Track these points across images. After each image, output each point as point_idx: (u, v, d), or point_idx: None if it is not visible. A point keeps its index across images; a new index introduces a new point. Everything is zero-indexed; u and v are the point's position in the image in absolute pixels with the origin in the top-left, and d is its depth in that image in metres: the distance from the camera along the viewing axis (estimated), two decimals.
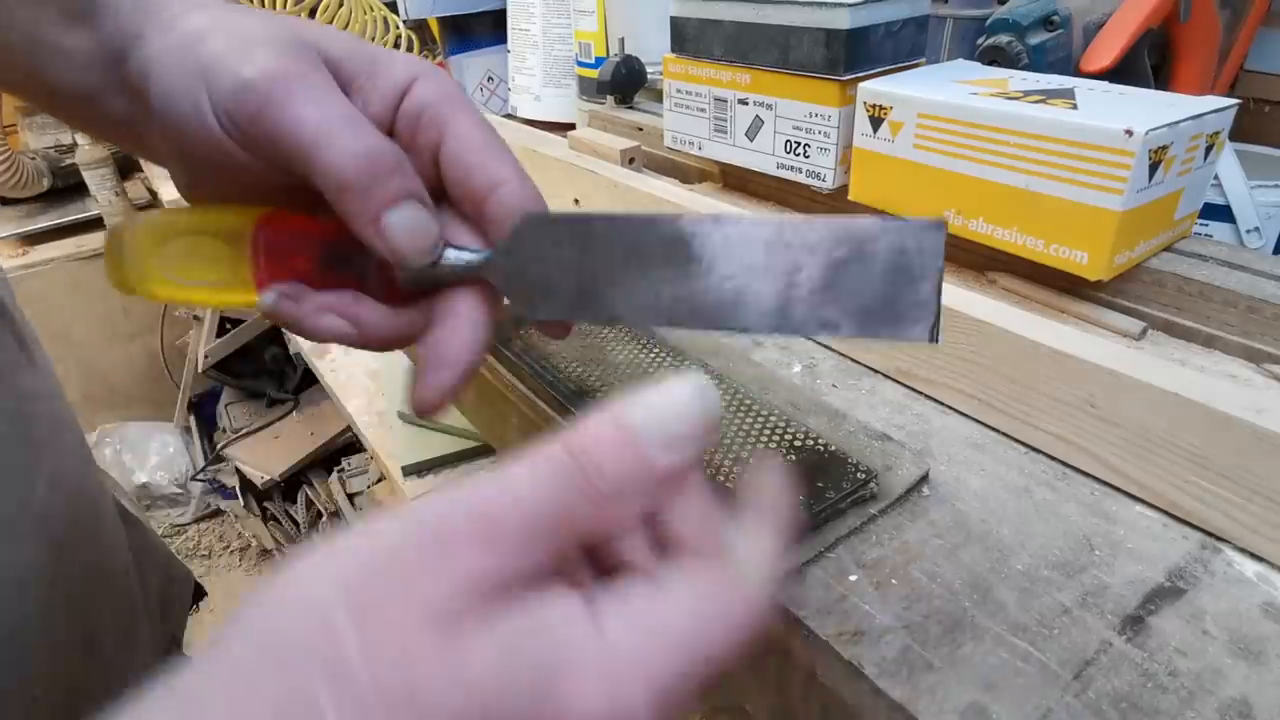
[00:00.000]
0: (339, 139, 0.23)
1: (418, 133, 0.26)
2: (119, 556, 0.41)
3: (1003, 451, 0.37)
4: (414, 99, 0.26)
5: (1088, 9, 0.56)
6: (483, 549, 0.16)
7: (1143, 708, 0.25)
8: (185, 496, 1.97)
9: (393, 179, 0.24)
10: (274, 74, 0.23)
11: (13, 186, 1.74)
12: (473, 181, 0.26)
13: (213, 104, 0.24)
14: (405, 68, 0.26)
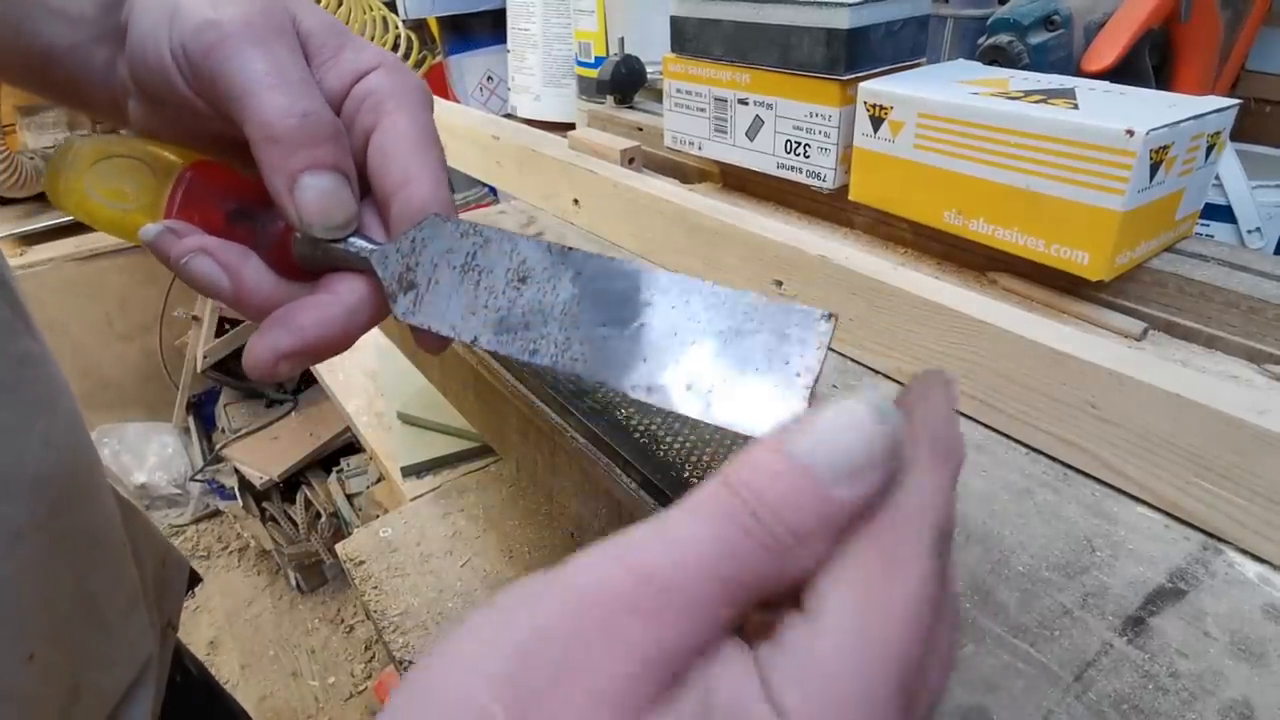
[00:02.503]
0: (279, 93, 0.23)
1: (357, 117, 0.26)
2: (115, 528, 0.42)
3: (1003, 452, 0.37)
4: (366, 84, 0.26)
5: (1089, 9, 0.56)
6: (653, 622, 0.14)
7: (1144, 709, 0.25)
8: (184, 497, 1.97)
9: (321, 145, 0.24)
10: (238, 19, 0.24)
11: (11, 186, 1.74)
12: (388, 175, 0.26)
13: (171, 37, 0.25)
14: (371, 56, 0.27)
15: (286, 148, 0.24)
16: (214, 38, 0.24)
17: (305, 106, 0.24)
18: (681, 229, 0.51)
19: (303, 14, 0.26)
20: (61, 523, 0.36)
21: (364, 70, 0.26)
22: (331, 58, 0.26)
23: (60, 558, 0.36)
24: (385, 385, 1.01)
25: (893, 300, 0.40)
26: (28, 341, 0.35)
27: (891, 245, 0.56)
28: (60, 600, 0.36)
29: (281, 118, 0.23)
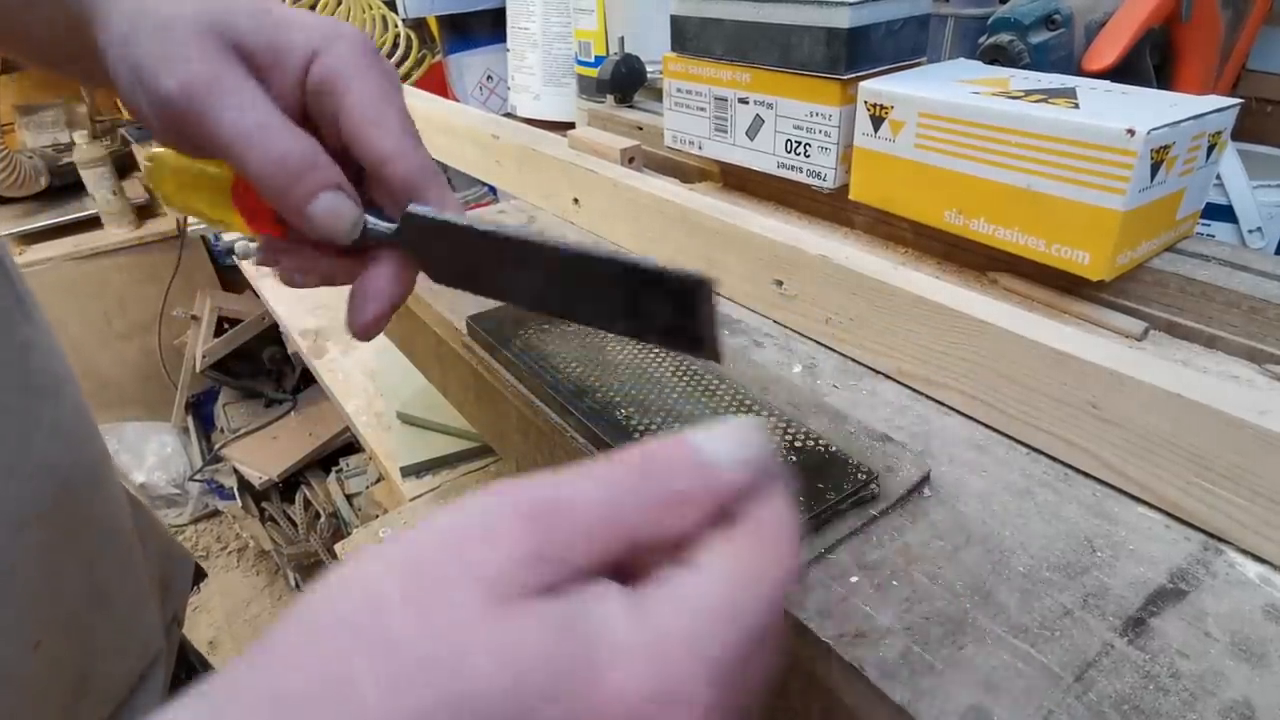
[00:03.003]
0: (255, 147, 0.26)
1: (321, 106, 0.28)
2: (124, 519, 0.42)
3: (1004, 452, 0.36)
4: (314, 75, 0.28)
5: (1089, 8, 0.56)
6: (534, 532, 0.17)
7: (1144, 710, 0.25)
8: (183, 497, 1.97)
9: (308, 175, 0.26)
10: (190, 86, 0.25)
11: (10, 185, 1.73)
12: (363, 155, 0.28)
13: (148, 102, 0.27)
14: (305, 42, 0.28)
15: (281, 190, 0.26)
16: (179, 113, 0.26)
17: (280, 150, 0.26)
18: (681, 229, 0.51)
19: (236, 27, 0.27)
20: (69, 512, 0.36)
21: (305, 61, 0.28)
22: (274, 64, 0.28)
23: (68, 547, 0.36)
24: (385, 385, 1.01)
25: (893, 300, 0.40)
26: (28, 330, 0.36)
27: (892, 245, 0.56)
28: (68, 589, 0.36)
29: (266, 170, 0.26)
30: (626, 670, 0.16)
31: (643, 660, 0.16)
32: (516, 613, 0.16)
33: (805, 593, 0.29)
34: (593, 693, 0.16)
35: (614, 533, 0.17)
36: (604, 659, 0.16)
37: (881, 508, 0.32)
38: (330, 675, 0.15)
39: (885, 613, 0.28)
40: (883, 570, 0.30)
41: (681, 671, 0.16)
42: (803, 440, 0.34)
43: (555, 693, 0.15)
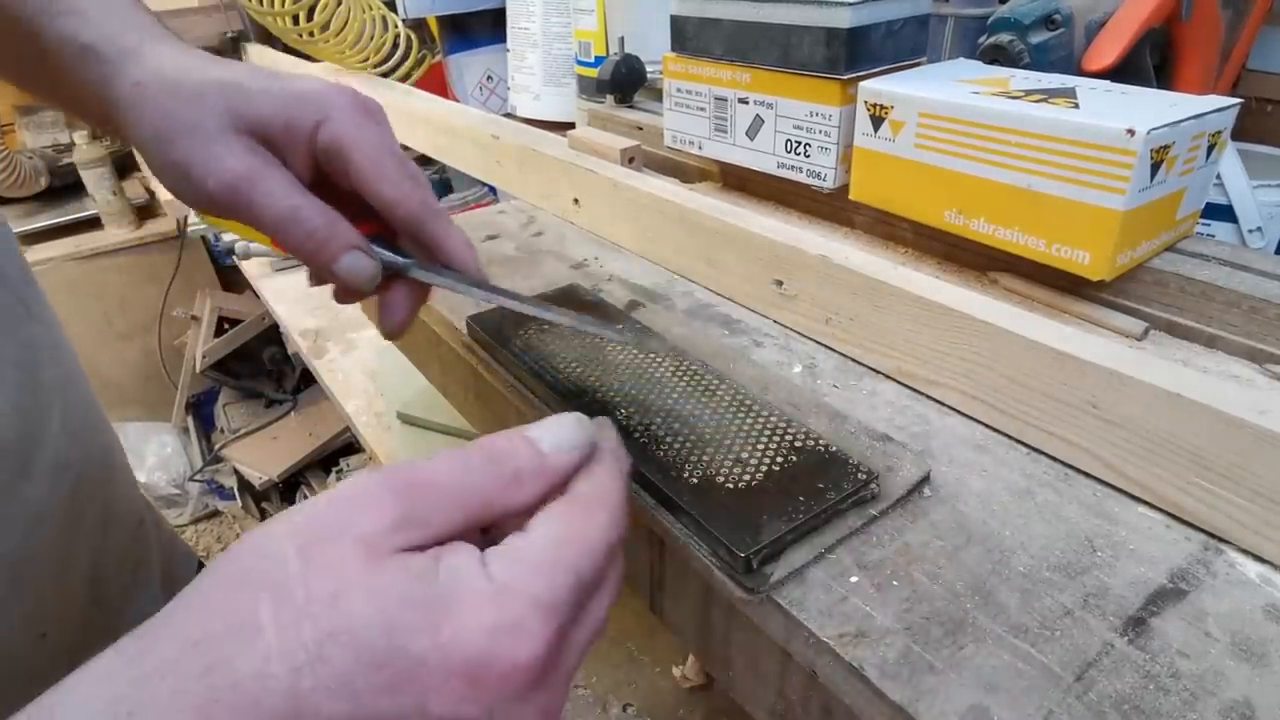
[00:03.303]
0: (288, 226, 0.31)
1: (331, 162, 0.33)
2: (131, 505, 0.43)
3: (1004, 452, 0.36)
4: (321, 140, 0.32)
5: (1089, 8, 0.56)
6: (401, 502, 0.21)
7: (1145, 710, 0.25)
8: (183, 497, 1.97)
9: (331, 243, 0.32)
10: (230, 185, 0.31)
11: (10, 186, 1.73)
12: (374, 201, 0.33)
13: (194, 202, 0.32)
14: (309, 118, 0.32)
15: (311, 255, 0.32)
16: (226, 205, 0.31)
17: (309, 228, 0.31)
18: (682, 229, 0.51)
19: (257, 116, 0.31)
20: (81, 504, 0.37)
21: (310, 134, 0.32)
22: (286, 140, 0.32)
23: (78, 539, 0.37)
24: (385, 385, 1.01)
25: (893, 300, 0.40)
26: (31, 326, 0.37)
27: (892, 245, 0.56)
28: (76, 582, 0.37)
29: (298, 242, 0.32)
30: (474, 608, 0.20)
31: (487, 601, 0.20)
32: (387, 565, 0.20)
33: (805, 592, 0.29)
34: (447, 625, 0.20)
35: (467, 503, 0.22)
36: (457, 600, 0.20)
37: (881, 508, 0.32)
38: (237, 618, 0.19)
39: (885, 613, 0.28)
40: (883, 570, 0.30)
41: (517, 608, 0.20)
42: (803, 440, 0.34)
43: (417, 626, 0.19)
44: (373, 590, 0.19)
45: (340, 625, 0.19)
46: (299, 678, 0.18)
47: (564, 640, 0.21)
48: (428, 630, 0.19)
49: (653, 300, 0.51)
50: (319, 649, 0.19)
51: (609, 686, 0.94)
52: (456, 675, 0.19)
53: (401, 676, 0.19)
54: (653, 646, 0.98)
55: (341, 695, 0.18)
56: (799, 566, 0.30)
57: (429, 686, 0.19)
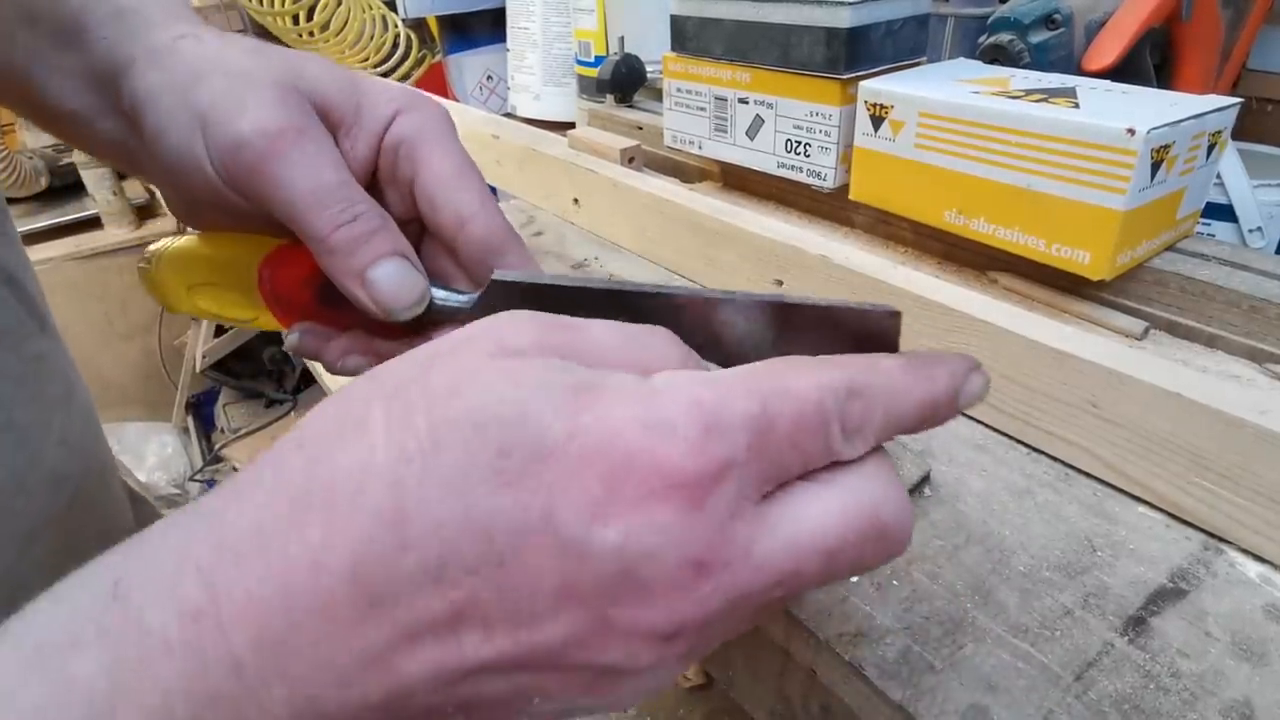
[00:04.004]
0: (326, 205, 0.25)
1: (396, 167, 0.28)
2: (123, 519, 0.42)
3: (1004, 452, 0.36)
4: (393, 134, 0.27)
5: (1089, 8, 0.56)
6: (549, 334, 0.18)
7: (1144, 709, 0.25)
8: (183, 497, 1.97)
9: (375, 239, 0.25)
10: (268, 131, 0.24)
11: (11, 186, 1.74)
12: (441, 216, 0.27)
13: (209, 153, 0.25)
14: (389, 103, 0.27)
15: (345, 254, 0.25)
16: (252, 158, 0.25)
17: (351, 210, 0.25)
18: (682, 228, 0.51)
19: (316, 83, 0.27)
20: (76, 520, 0.36)
21: (386, 121, 0.27)
22: (354, 121, 0.27)
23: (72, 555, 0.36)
24: None
25: (893, 300, 0.40)
26: (41, 341, 0.35)
27: (892, 245, 0.56)
28: None
29: (333, 229, 0.25)
30: (623, 398, 0.16)
31: (640, 394, 0.16)
32: (524, 358, 0.17)
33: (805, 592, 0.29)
34: (587, 413, 0.16)
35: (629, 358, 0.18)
36: (603, 389, 0.17)
37: None
38: (347, 417, 0.17)
39: (885, 612, 0.28)
40: (882, 570, 0.30)
41: (675, 407, 0.16)
42: None
43: (551, 412, 0.16)
44: (503, 373, 0.16)
45: (460, 411, 0.16)
46: (407, 469, 0.16)
47: (735, 497, 0.16)
48: (563, 418, 0.16)
49: None
50: (433, 436, 0.16)
51: None
52: (591, 471, 0.16)
53: (527, 470, 0.16)
54: None
55: (455, 490, 0.15)
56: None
57: (557, 485, 0.16)
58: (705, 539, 0.16)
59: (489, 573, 0.16)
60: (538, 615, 0.16)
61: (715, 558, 0.16)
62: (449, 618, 0.16)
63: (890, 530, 0.18)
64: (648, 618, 0.16)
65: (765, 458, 0.17)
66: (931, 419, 0.19)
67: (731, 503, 0.16)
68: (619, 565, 0.16)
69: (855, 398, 0.18)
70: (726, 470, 0.16)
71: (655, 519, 0.16)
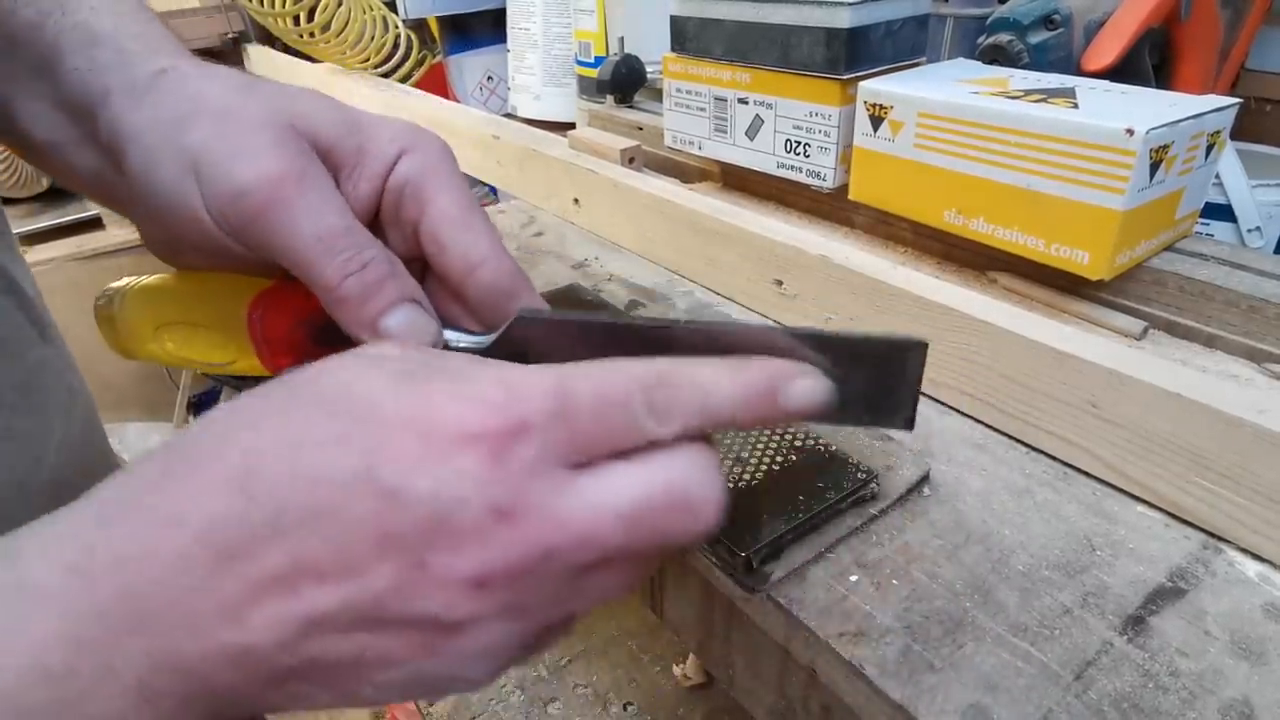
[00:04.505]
0: (335, 254, 0.24)
1: (400, 209, 0.27)
2: None
3: (1003, 452, 0.37)
4: (398, 175, 0.27)
5: (1089, 8, 0.56)
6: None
7: (1144, 708, 0.25)
8: None
9: (387, 287, 0.25)
10: (270, 178, 0.24)
11: (11, 186, 1.74)
12: (449, 259, 0.26)
13: (206, 201, 0.24)
14: (392, 142, 0.27)
15: (356, 303, 0.25)
16: (254, 206, 0.24)
17: (359, 259, 0.24)
18: (682, 229, 0.51)
19: (312, 120, 0.26)
20: None
21: (391, 161, 0.27)
22: (356, 163, 0.27)
23: None
24: None
25: (893, 300, 0.40)
26: (42, 349, 0.35)
27: (892, 245, 0.56)
28: None
29: (342, 279, 0.24)
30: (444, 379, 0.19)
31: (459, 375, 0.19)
32: (380, 359, 0.20)
33: (805, 591, 0.29)
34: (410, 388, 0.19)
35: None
36: (429, 375, 0.19)
37: (881, 507, 0.32)
38: (226, 405, 0.19)
39: (885, 612, 0.28)
40: (883, 569, 0.30)
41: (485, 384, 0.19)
42: (802, 440, 0.34)
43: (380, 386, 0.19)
44: (354, 365, 0.19)
45: (309, 390, 0.19)
46: (257, 436, 0.18)
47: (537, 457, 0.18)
48: (389, 392, 0.19)
49: (653, 300, 0.51)
50: (282, 409, 0.19)
51: (609, 685, 0.94)
52: (408, 432, 0.18)
53: (352, 431, 0.18)
54: (653, 645, 0.98)
55: (291, 450, 0.18)
56: (799, 565, 0.30)
57: (378, 444, 0.18)
58: (508, 489, 0.18)
59: (318, 524, 0.17)
60: (363, 561, 0.17)
61: (516, 507, 0.18)
62: (289, 569, 0.17)
63: (695, 504, 0.19)
64: (459, 564, 0.18)
65: (567, 426, 0.19)
66: (755, 414, 0.20)
67: (533, 461, 0.18)
68: (432, 510, 0.18)
69: (664, 385, 0.19)
70: (524, 430, 0.18)
71: (461, 467, 0.18)
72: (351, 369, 0.19)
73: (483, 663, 0.20)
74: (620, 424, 0.19)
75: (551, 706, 0.92)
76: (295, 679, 0.18)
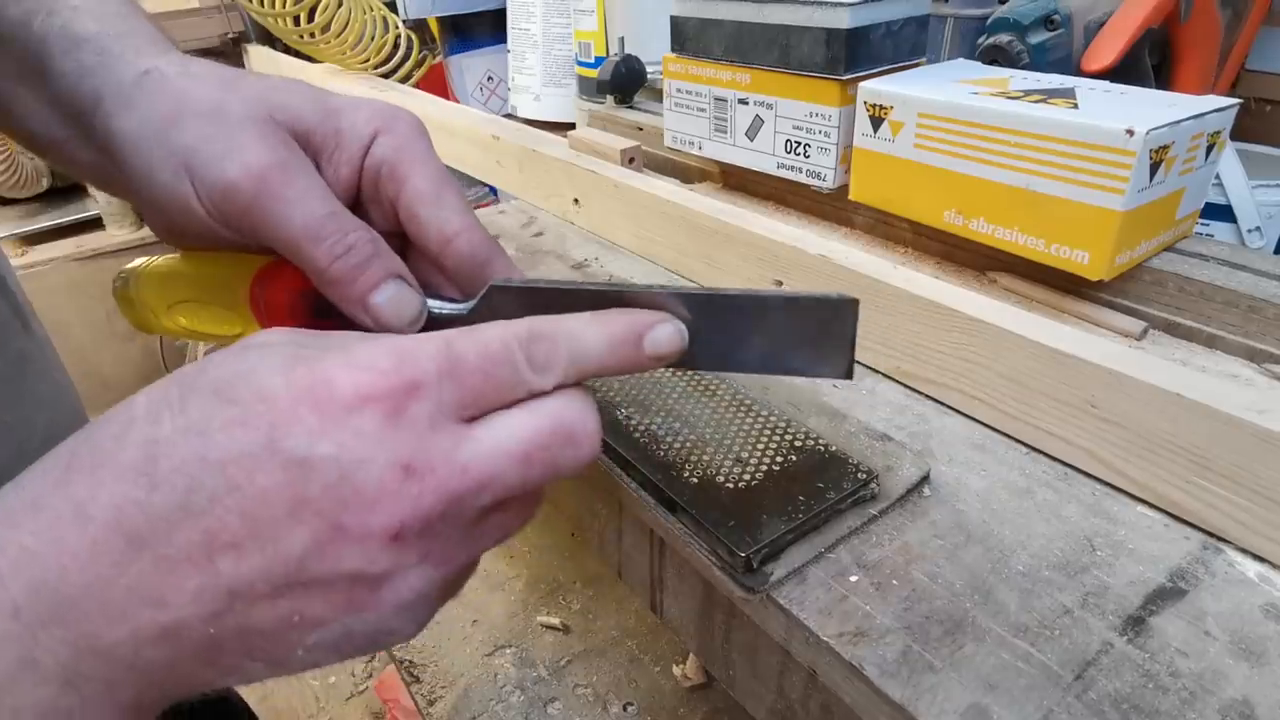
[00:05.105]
0: (322, 239, 0.26)
1: (379, 187, 0.29)
2: None
3: (1004, 452, 0.37)
4: (374, 156, 0.28)
5: (1088, 8, 0.56)
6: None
7: (1144, 709, 0.25)
8: None
9: (372, 265, 0.26)
10: (254, 173, 0.25)
11: (12, 187, 1.74)
12: (426, 233, 0.28)
13: (199, 197, 0.26)
14: (366, 124, 0.28)
15: (345, 284, 0.26)
16: (243, 201, 0.26)
17: (344, 242, 0.26)
18: (682, 229, 0.51)
19: (291, 110, 0.27)
20: None
21: (366, 142, 0.28)
22: (335, 148, 0.28)
23: None
24: None
25: (893, 300, 0.40)
26: (24, 340, 0.36)
27: (891, 245, 0.56)
28: None
29: (330, 262, 0.26)
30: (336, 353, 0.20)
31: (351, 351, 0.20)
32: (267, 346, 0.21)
33: (805, 591, 0.29)
34: (302, 366, 0.20)
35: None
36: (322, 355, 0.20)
37: (881, 507, 0.32)
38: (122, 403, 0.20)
39: (885, 612, 0.28)
40: (883, 569, 0.30)
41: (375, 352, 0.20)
42: (802, 440, 0.34)
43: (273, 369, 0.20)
44: (244, 353, 0.20)
45: (204, 380, 0.20)
46: (157, 427, 0.19)
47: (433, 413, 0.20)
48: (282, 372, 0.19)
49: None
50: (181, 400, 0.19)
51: (609, 685, 0.94)
52: (304, 404, 0.19)
53: (251, 411, 0.19)
54: (653, 645, 0.98)
55: (195, 435, 0.19)
56: (799, 566, 0.30)
57: (278, 419, 0.19)
58: (409, 445, 0.19)
59: (229, 500, 0.18)
60: (277, 529, 0.18)
61: (420, 461, 0.19)
62: (202, 545, 0.18)
63: (577, 436, 0.21)
64: (373, 520, 0.19)
65: (457, 382, 0.20)
66: (622, 360, 0.23)
67: (429, 416, 0.20)
68: (338, 472, 0.19)
69: (539, 339, 0.21)
70: (417, 388, 0.20)
71: (361, 428, 0.19)
72: (241, 358, 0.20)
73: (408, 612, 0.21)
74: (505, 377, 0.21)
75: (551, 707, 0.92)
76: (227, 652, 0.19)
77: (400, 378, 0.20)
